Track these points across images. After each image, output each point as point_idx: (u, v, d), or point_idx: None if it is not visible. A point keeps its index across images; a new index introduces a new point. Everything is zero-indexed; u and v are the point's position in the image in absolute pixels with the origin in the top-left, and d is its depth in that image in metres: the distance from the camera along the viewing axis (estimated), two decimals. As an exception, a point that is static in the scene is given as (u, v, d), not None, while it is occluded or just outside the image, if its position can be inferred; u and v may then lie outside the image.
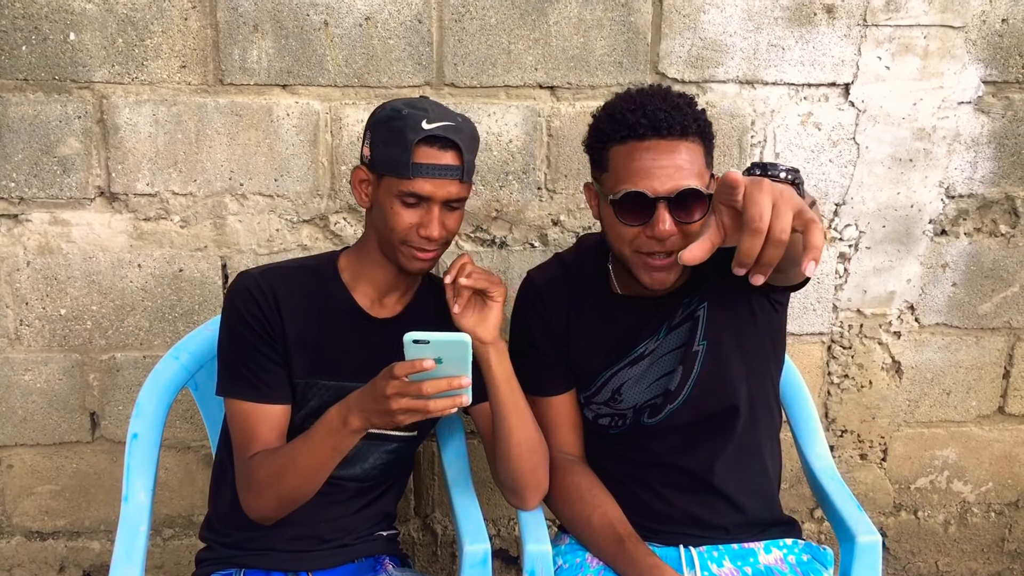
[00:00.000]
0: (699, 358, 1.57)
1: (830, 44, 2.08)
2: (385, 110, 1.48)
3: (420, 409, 1.30)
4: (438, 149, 1.43)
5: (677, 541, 1.63)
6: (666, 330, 1.59)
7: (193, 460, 2.23)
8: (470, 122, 1.50)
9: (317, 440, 1.42)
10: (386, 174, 1.45)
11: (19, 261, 2.04)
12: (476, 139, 1.50)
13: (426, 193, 1.43)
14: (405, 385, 1.28)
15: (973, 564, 2.56)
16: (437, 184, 1.43)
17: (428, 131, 1.41)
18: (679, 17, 2.04)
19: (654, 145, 1.39)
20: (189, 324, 2.10)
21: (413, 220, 1.45)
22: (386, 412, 1.32)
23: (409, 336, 1.26)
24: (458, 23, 1.99)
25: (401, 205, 1.45)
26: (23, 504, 2.23)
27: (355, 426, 1.38)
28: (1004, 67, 2.14)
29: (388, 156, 1.44)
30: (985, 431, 2.44)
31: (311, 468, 1.44)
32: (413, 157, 1.41)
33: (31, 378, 2.12)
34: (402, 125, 1.42)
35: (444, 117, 1.44)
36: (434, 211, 1.45)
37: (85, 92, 1.96)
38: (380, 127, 1.47)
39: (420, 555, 2.38)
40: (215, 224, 2.06)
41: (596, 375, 1.64)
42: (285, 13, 1.95)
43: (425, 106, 1.45)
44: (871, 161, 2.17)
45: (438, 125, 1.42)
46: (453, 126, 1.44)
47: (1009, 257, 2.29)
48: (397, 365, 1.29)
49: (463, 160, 1.45)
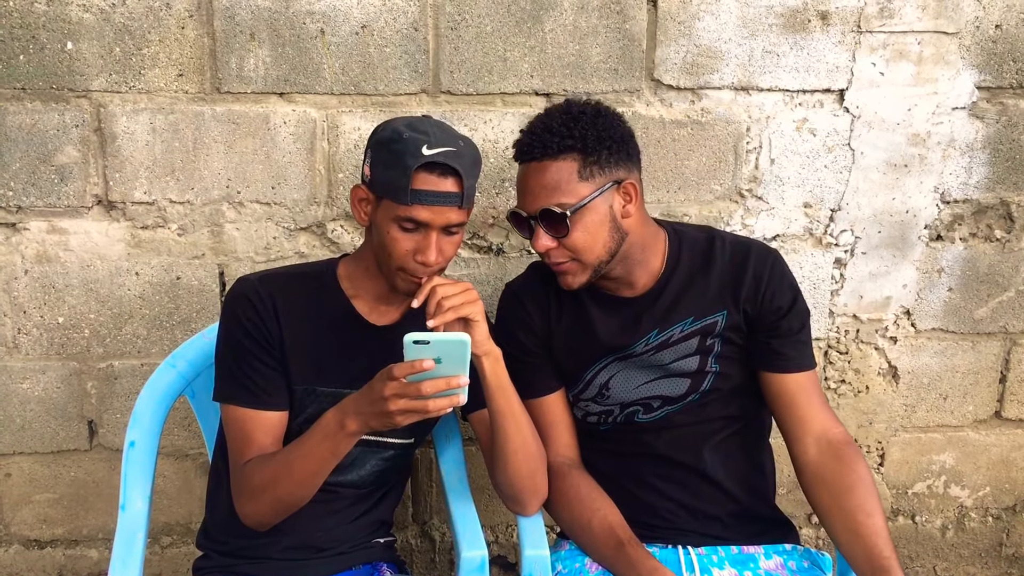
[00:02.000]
0: (708, 379, 1.65)
1: (824, 50, 2.09)
2: (386, 131, 1.46)
3: (419, 409, 1.31)
4: (438, 176, 1.41)
5: (675, 538, 1.65)
6: (657, 336, 1.63)
7: (191, 468, 2.23)
8: (472, 145, 1.49)
9: (313, 444, 1.42)
10: (385, 197, 1.44)
11: (17, 269, 2.04)
12: (478, 163, 1.49)
13: (424, 220, 1.42)
14: (404, 386, 1.29)
15: (971, 569, 2.56)
16: (436, 211, 1.42)
17: (428, 157, 1.39)
18: (674, 24, 2.04)
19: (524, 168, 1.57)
20: (186, 332, 2.10)
21: (410, 246, 1.45)
22: (384, 414, 1.32)
23: (410, 337, 1.27)
24: (454, 31, 2.00)
25: (399, 230, 1.44)
26: (21, 512, 2.23)
27: (352, 429, 1.38)
28: (998, 72, 2.15)
29: (387, 179, 1.43)
30: (982, 436, 2.45)
31: (307, 473, 1.44)
32: (412, 183, 1.40)
33: (29, 386, 2.12)
34: (402, 149, 1.40)
35: (445, 142, 1.42)
36: (431, 237, 1.44)
37: (82, 101, 1.96)
38: (381, 148, 1.45)
39: (418, 562, 2.38)
40: (212, 232, 2.06)
41: (582, 371, 1.68)
42: (282, 22, 1.95)
43: (427, 128, 1.43)
44: (866, 167, 2.18)
45: (439, 151, 1.40)
46: (454, 152, 1.42)
47: (1004, 262, 2.29)
48: (396, 366, 1.29)
49: (463, 186, 1.43)
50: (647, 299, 1.63)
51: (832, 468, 1.56)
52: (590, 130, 1.49)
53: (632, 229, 1.56)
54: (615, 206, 1.53)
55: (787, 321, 1.61)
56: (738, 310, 1.61)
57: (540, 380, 1.69)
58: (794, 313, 1.62)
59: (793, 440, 1.63)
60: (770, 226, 2.19)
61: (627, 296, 1.64)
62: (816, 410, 1.62)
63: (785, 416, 1.64)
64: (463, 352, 1.29)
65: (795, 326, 1.62)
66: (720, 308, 1.62)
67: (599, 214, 1.51)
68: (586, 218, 1.50)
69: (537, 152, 1.51)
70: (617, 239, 1.54)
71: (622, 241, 1.55)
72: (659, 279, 1.63)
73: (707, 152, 2.12)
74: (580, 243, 1.51)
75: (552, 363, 1.70)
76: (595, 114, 1.53)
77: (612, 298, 1.65)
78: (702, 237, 1.67)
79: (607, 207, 1.52)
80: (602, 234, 1.52)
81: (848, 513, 1.51)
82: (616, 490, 1.65)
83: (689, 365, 1.63)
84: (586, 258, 1.53)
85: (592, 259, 1.54)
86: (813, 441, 1.60)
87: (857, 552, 1.48)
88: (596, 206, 1.50)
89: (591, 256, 1.53)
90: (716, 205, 2.16)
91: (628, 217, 1.55)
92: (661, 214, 2.13)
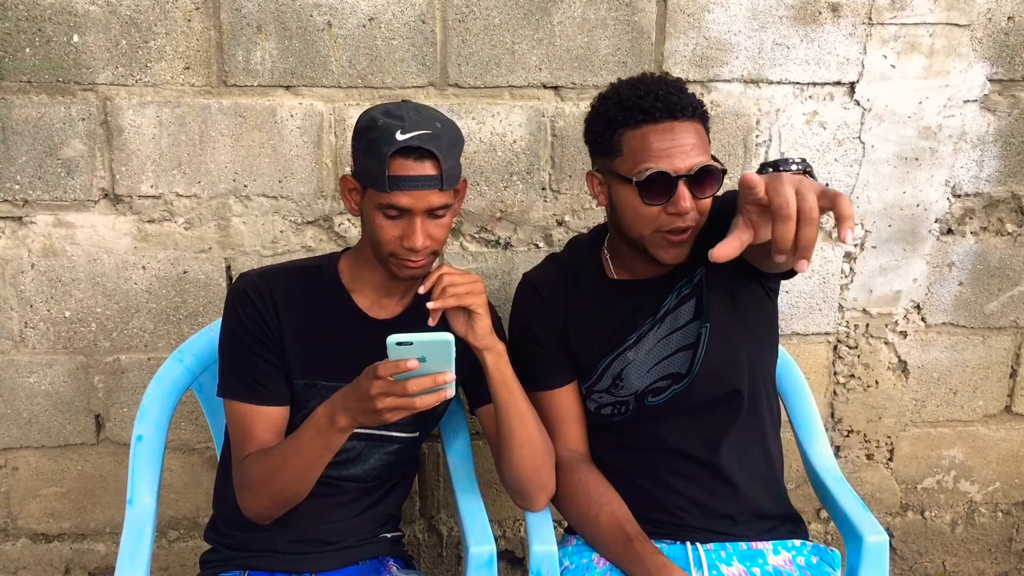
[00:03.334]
0: (703, 340, 1.60)
1: (835, 43, 2.07)
2: (364, 119, 1.45)
3: (406, 407, 1.30)
4: (414, 160, 1.39)
5: (683, 535, 1.63)
6: (664, 311, 1.61)
7: (198, 462, 2.23)
8: (451, 125, 1.46)
9: (306, 439, 1.43)
10: (368, 185, 1.44)
11: (24, 263, 2.04)
12: (457, 142, 1.46)
13: (405, 205, 1.41)
14: (390, 385, 1.28)
15: (980, 564, 2.55)
16: (416, 196, 1.40)
17: (402, 142, 1.38)
18: (683, 16, 2.03)
19: (670, 127, 1.46)
20: (193, 326, 2.10)
21: (396, 232, 1.44)
22: (372, 411, 1.32)
23: (392, 338, 1.26)
24: (462, 23, 1.99)
25: (383, 217, 1.44)
26: (28, 506, 2.23)
27: (342, 424, 1.38)
28: (1010, 65, 2.13)
29: (367, 168, 1.42)
30: (992, 431, 2.43)
31: (302, 467, 1.44)
32: (388, 170, 1.39)
33: (36, 380, 2.12)
34: (376, 136, 1.39)
35: (420, 125, 1.40)
36: (416, 222, 1.43)
37: (89, 94, 1.96)
38: (360, 137, 1.45)
39: (425, 556, 2.37)
40: (219, 226, 2.06)
41: (597, 361, 1.66)
42: (288, 14, 1.94)
43: (401, 114, 1.42)
44: (877, 160, 2.16)
45: (412, 135, 1.38)
46: (429, 134, 1.40)
47: (1016, 256, 2.28)
48: (381, 365, 1.29)
49: (441, 168, 1.41)
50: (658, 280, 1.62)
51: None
52: (700, 102, 1.50)
53: None
54: None
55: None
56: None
57: (553, 373, 1.68)
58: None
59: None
60: (779, 220, 2.18)
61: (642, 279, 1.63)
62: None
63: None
64: (447, 351, 1.27)
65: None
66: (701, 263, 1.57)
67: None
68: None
69: (686, 110, 1.47)
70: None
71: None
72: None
73: (717, 145, 2.10)
74: (707, 206, 1.49)
75: (566, 355, 1.68)
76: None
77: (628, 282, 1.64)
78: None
79: None
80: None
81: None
82: (627, 485, 1.64)
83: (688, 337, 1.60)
84: (702, 222, 1.51)
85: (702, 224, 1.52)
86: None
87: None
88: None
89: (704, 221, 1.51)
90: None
91: None
92: (670, 208, 2.12)
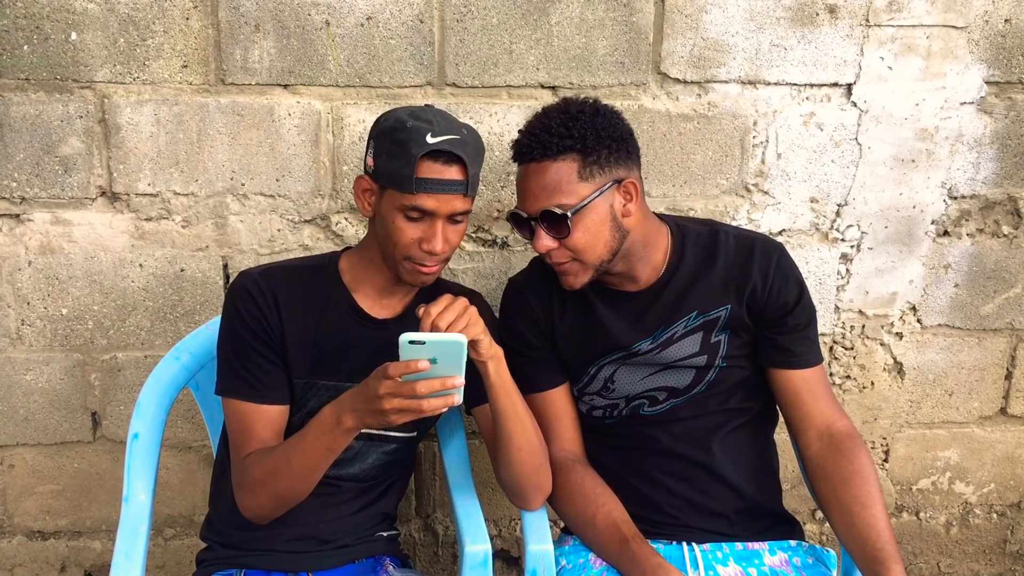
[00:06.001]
0: (713, 372, 1.64)
1: (832, 44, 2.08)
2: (389, 120, 1.46)
3: (413, 409, 1.30)
4: (443, 164, 1.41)
5: (679, 535, 1.64)
6: (662, 334, 1.62)
7: (194, 460, 2.23)
8: (475, 133, 1.48)
9: (311, 439, 1.43)
10: (389, 186, 1.44)
11: (21, 261, 2.04)
12: (481, 151, 1.49)
13: (430, 208, 1.42)
14: (399, 386, 1.28)
15: (975, 566, 2.55)
16: (441, 199, 1.42)
17: (433, 145, 1.39)
18: (681, 17, 2.03)
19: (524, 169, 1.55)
20: (190, 324, 2.10)
21: (416, 235, 1.45)
22: (379, 412, 1.32)
23: (405, 336, 1.26)
24: (460, 23, 1.99)
25: (404, 219, 1.44)
26: (24, 504, 2.23)
27: (348, 425, 1.38)
28: (1007, 67, 2.14)
29: (392, 169, 1.42)
30: (987, 432, 2.44)
31: (305, 467, 1.44)
32: (417, 172, 1.40)
33: (32, 378, 2.12)
34: (406, 138, 1.40)
35: (449, 130, 1.42)
36: (437, 226, 1.44)
37: (87, 92, 1.96)
38: (384, 138, 1.44)
39: (421, 556, 2.38)
40: (217, 224, 2.06)
41: (586, 365, 1.67)
42: (287, 13, 1.94)
43: (430, 117, 1.43)
44: (873, 162, 2.17)
45: (443, 139, 1.40)
46: (458, 139, 1.42)
47: (1012, 258, 2.28)
48: (391, 365, 1.29)
49: (468, 174, 1.43)
50: (650, 294, 1.63)
51: (832, 460, 1.56)
52: (589, 129, 1.48)
53: (633, 227, 1.55)
54: (615, 205, 1.52)
55: (793, 317, 1.61)
56: (742, 304, 1.60)
57: (543, 374, 1.69)
58: (800, 308, 1.61)
59: (797, 434, 1.63)
60: (776, 221, 2.18)
61: (630, 291, 1.64)
62: (821, 404, 1.61)
63: (790, 410, 1.64)
64: (459, 353, 1.27)
65: (801, 322, 1.62)
66: (724, 302, 1.61)
67: (600, 214, 1.50)
68: (587, 218, 1.49)
69: (536, 153, 1.49)
70: (618, 238, 1.53)
71: (623, 239, 1.54)
72: (662, 274, 1.62)
73: (713, 146, 2.11)
74: (581, 243, 1.50)
75: (556, 357, 1.69)
76: (594, 113, 1.51)
77: (616, 292, 1.65)
78: (706, 231, 1.66)
79: (608, 207, 1.51)
80: (603, 234, 1.51)
81: (845, 505, 1.51)
82: (622, 486, 1.65)
83: (696, 361, 1.62)
84: (588, 258, 1.52)
85: (594, 259, 1.53)
86: (816, 435, 1.60)
87: (854, 543, 1.48)
88: (597, 206, 1.50)
89: (592, 256, 1.52)
90: (722, 199, 2.15)
91: (629, 216, 1.54)
92: (667, 208, 2.12)
